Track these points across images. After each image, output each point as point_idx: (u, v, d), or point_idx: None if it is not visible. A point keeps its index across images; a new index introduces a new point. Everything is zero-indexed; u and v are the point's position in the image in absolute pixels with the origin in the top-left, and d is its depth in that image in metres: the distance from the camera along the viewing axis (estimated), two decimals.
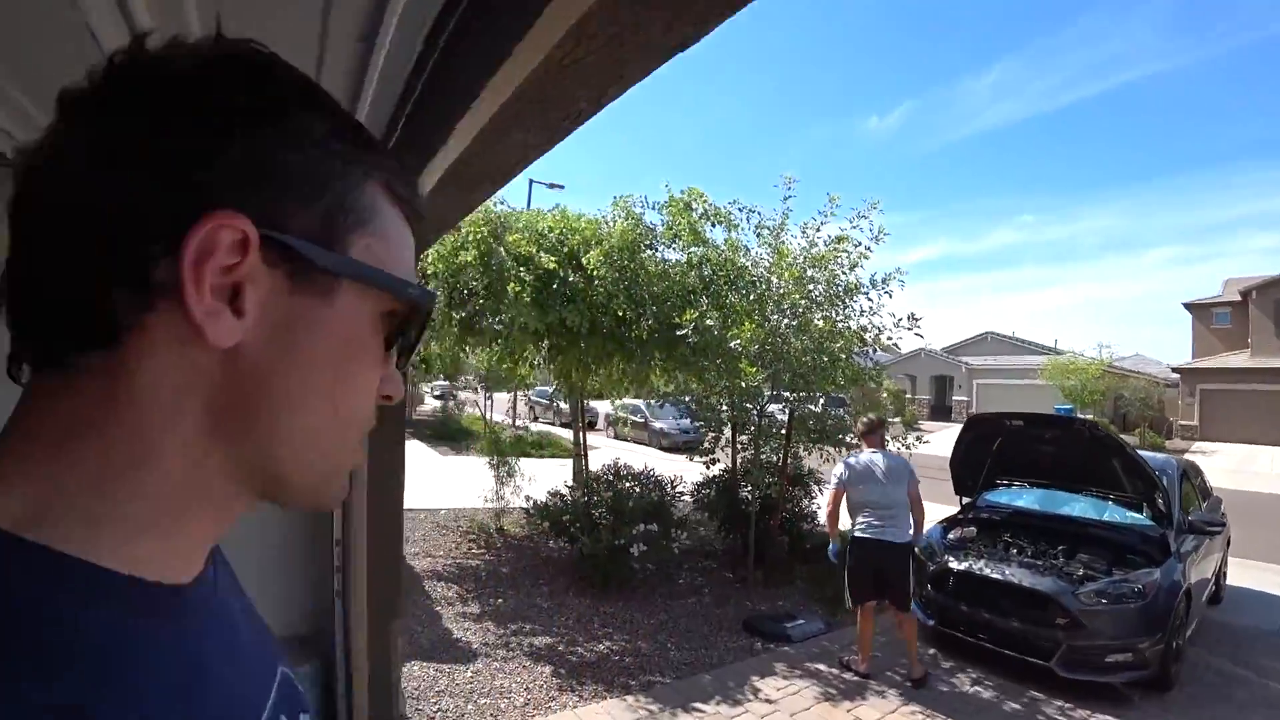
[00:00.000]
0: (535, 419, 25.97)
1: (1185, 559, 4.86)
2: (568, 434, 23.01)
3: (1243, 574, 7.35)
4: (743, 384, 5.37)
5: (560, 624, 5.25)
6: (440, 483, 10.89)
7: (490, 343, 6.64)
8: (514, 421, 22.39)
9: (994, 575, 4.65)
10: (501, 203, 6.90)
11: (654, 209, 6.92)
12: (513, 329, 6.10)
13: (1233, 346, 29.54)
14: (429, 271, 6.27)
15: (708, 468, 6.88)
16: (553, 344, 7.02)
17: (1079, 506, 5.37)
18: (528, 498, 7.06)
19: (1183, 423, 28.00)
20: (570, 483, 6.48)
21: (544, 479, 7.78)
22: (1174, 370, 30.27)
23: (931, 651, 5.03)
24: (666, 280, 6.42)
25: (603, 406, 22.19)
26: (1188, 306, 32.18)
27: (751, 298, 6.00)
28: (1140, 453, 5.15)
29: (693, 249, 6.68)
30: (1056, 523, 5.30)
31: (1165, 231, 79.20)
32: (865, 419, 4.87)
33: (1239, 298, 29.61)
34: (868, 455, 4.58)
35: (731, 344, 5.49)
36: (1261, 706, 4.50)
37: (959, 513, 5.88)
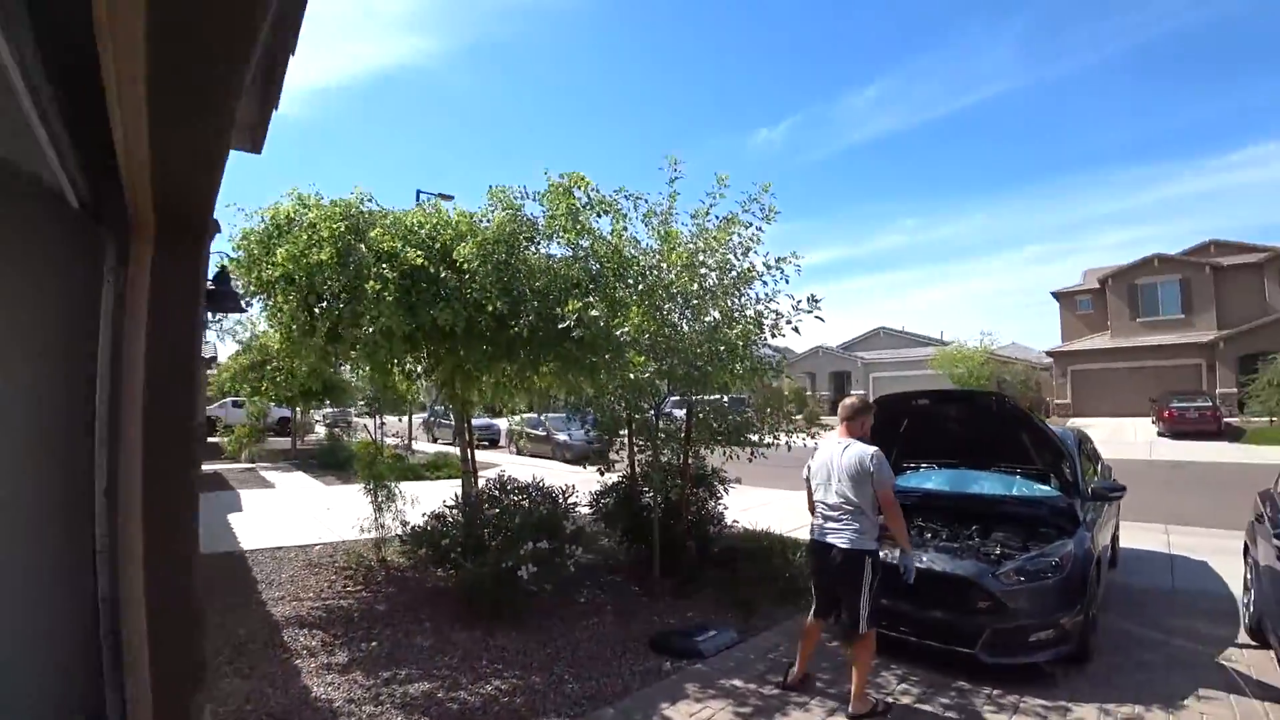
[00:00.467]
0: (434, 440, 24.70)
1: (1093, 527, 4.77)
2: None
3: (1128, 536, 7.54)
4: (632, 376, 4.89)
5: (442, 665, 4.57)
6: (320, 515, 9.84)
7: (352, 350, 5.86)
8: (409, 443, 21.14)
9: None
10: (368, 200, 6.16)
11: (535, 199, 6.38)
12: (375, 334, 5.38)
13: (1095, 329, 32.16)
14: (279, 274, 5.48)
15: (601, 474, 6.38)
16: (430, 351, 6.34)
17: (988, 484, 5.21)
18: (404, 523, 6.30)
19: (1058, 401, 30.08)
20: (450, 502, 5.77)
21: (434, 502, 7.03)
22: (1047, 354, 32.55)
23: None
24: (550, 275, 5.87)
25: (504, 423, 21.32)
26: (1055, 295, 34.75)
27: (641, 288, 5.55)
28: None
29: (580, 242, 6.17)
30: (968, 502, 5.12)
31: (1033, 230, 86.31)
32: (849, 401, 4.06)
33: (1098, 285, 32.42)
34: (833, 444, 3.96)
35: (619, 334, 5.00)
36: (1178, 667, 4.43)
37: None
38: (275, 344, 7.01)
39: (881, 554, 3.81)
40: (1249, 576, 5.09)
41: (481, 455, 20.99)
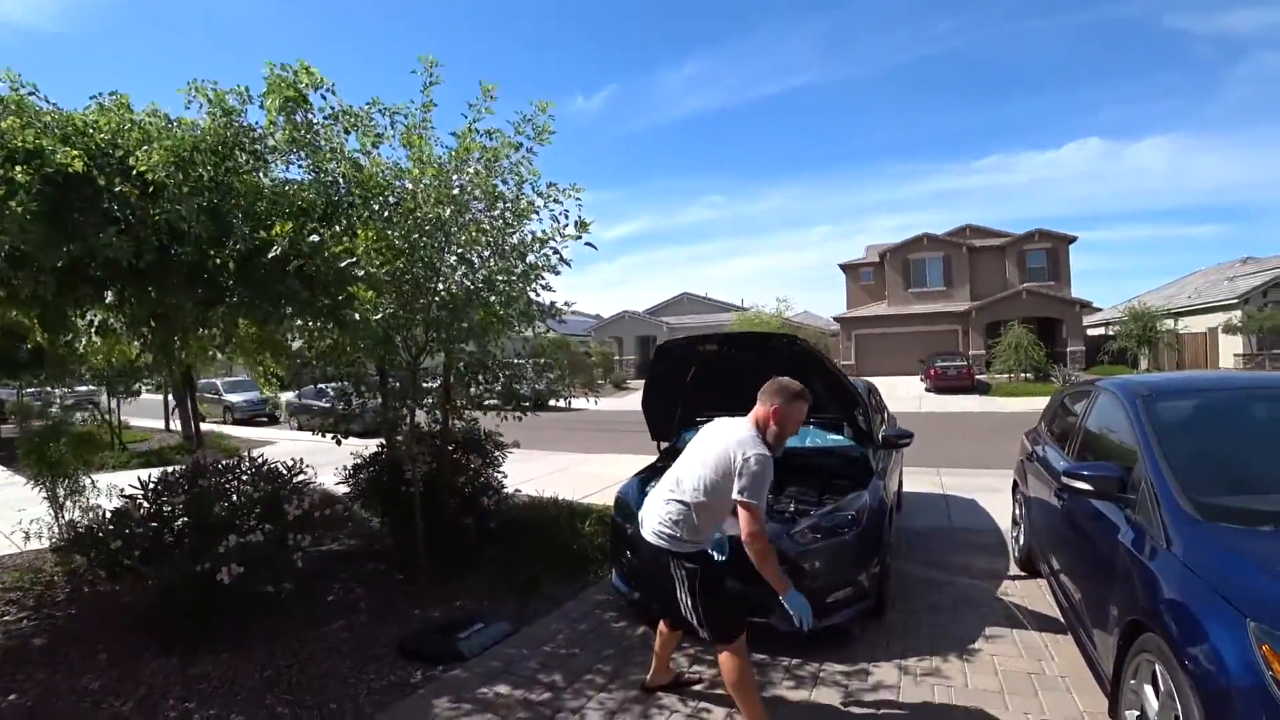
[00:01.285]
0: (234, 421, 21.11)
1: (885, 475, 4.56)
2: (246, 431, 19.23)
3: (907, 480, 7.79)
4: (357, 317, 3.82)
5: (111, 713, 3.31)
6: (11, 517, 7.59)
7: None
8: (166, 425, 17.90)
9: None
10: (25, 88, 4.39)
11: (261, 105, 4.97)
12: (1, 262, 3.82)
13: (875, 298, 35.52)
14: None
15: (338, 443, 5.25)
16: (120, 294, 4.74)
17: None
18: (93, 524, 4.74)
19: (843, 363, 32.80)
20: (129, 491, 4.33)
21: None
22: (835, 319, 35.40)
23: (641, 630, 4.11)
24: (274, 199, 4.55)
25: (289, 395, 18.77)
26: (842, 267, 37.82)
27: (386, 214, 4.47)
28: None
29: (328, 165, 4.89)
30: None
31: (824, 212, 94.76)
32: (779, 381, 2.95)
33: (878, 259, 35.82)
34: (725, 423, 2.98)
35: (344, 264, 3.89)
36: (966, 606, 4.34)
37: (657, 461, 5.04)
38: None
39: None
40: (1018, 512, 5.22)
41: (255, 433, 18.32)
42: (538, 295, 5.11)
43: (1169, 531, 2.34)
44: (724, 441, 2.83)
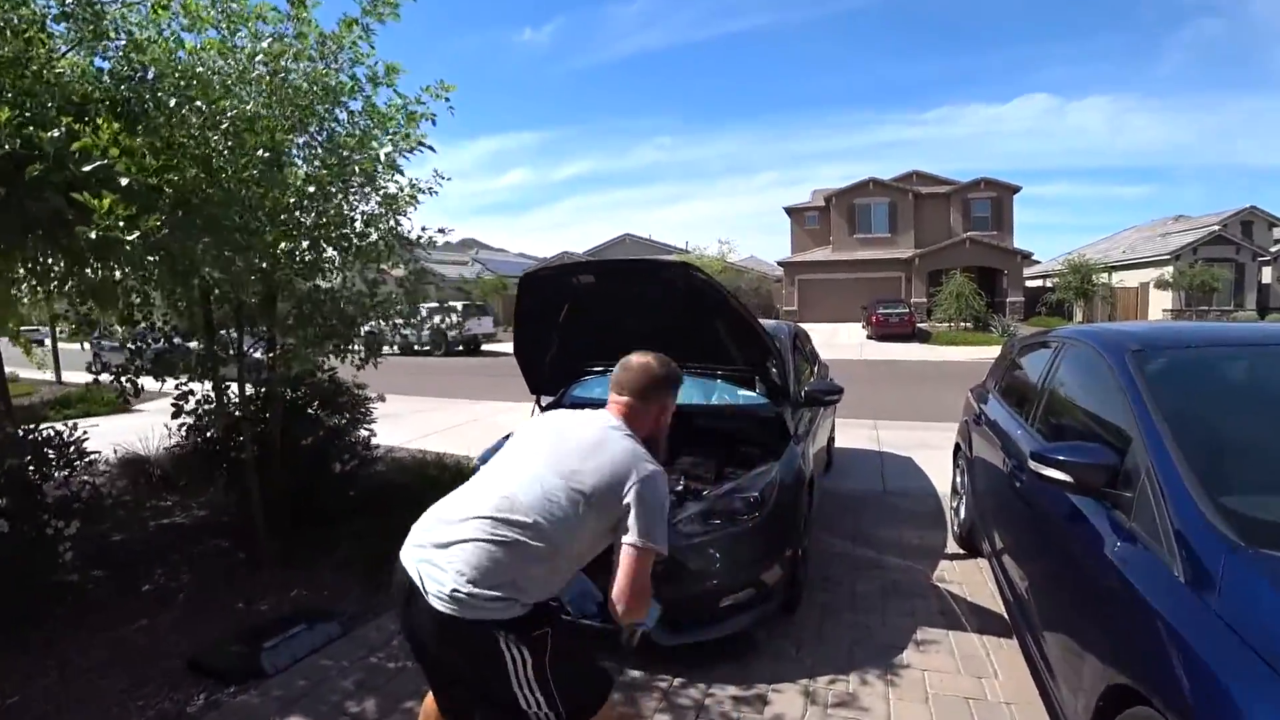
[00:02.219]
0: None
1: (805, 439, 3.76)
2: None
3: (840, 434, 7.14)
4: (94, 236, 2.69)
5: None
6: None
7: None
8: (58, 378, 16.01)
9: None
10: None
11: None
12: None
13: (820, 244, 34.98)
14: None
15: (178, 413, 4.21)
16: None
17: (684, 390, 4.01)
18: None
19: (786, 308, 32.40)
20: None
21: None
22: (779, 264, 34.80)
23: None
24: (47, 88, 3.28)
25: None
26: (787, 210, 37.04)
27: (178, 107, 3.32)
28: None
29: (117, 43, 3.62)
30: None
31: (772, 158, 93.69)
32: (645, 361, 2.02)
33: (823, 204, 35.16)
34: (587, 419, 1.93)
35: (87, 169, 2.74)
36: (895, 596, 3.64)
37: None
38: None
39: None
40: (959, 480, 4.55)
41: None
42: (397, 225, 4.19)
43: (1189, 559, 1.56)
44: (606, 449, 1.78)
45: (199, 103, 3.35)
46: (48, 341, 15.86)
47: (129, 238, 2.86)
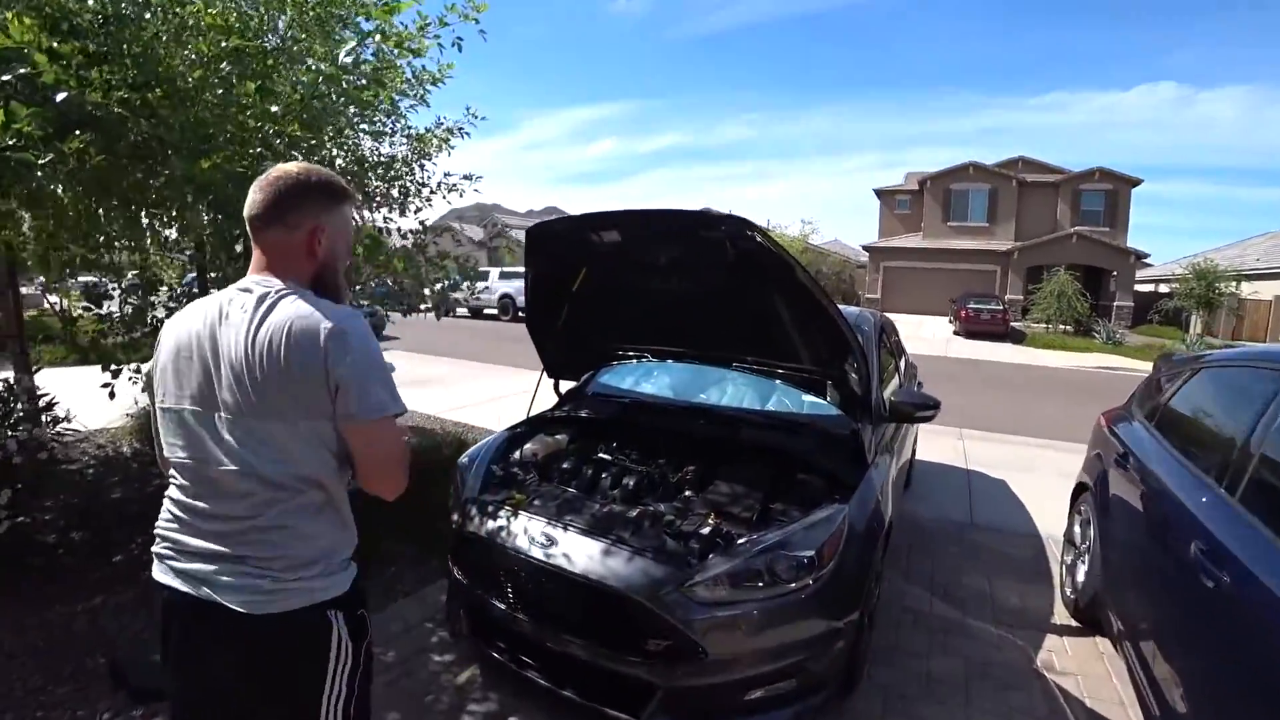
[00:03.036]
0: None
1: (886, 468, 2.88)
2: None
3: (921, 443, 6.14)
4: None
5: None
6: None
7: None
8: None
9: (533, 552, 2.21)
10: None
11: None
12: None
13: (910, 229, 32.86)
14: None
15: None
16: None
17: (732, 390, 3.16)
18: None
19: (869, 296, 30.66)
20: None
21: None
22: (864, 248, 32.92)
23: (468, 674, 2.60)
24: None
25: None
26: (877, 192, 34.98)
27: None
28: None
29: None
30: (689, 423, 2.99)
31: (863, 139, 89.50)
32: (308, 171, 1.29)
33: (917, 187, 32.94)
34: (205, 306, 1.26)
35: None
36: (983, 683, 2.76)
37: (556, 408, 3.32)
38: None
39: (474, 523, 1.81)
40: (1080, 532, 3.56)
41: None
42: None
43: None
44: (266, 343, 1.16)
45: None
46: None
47: (40, 161, 2.27)
